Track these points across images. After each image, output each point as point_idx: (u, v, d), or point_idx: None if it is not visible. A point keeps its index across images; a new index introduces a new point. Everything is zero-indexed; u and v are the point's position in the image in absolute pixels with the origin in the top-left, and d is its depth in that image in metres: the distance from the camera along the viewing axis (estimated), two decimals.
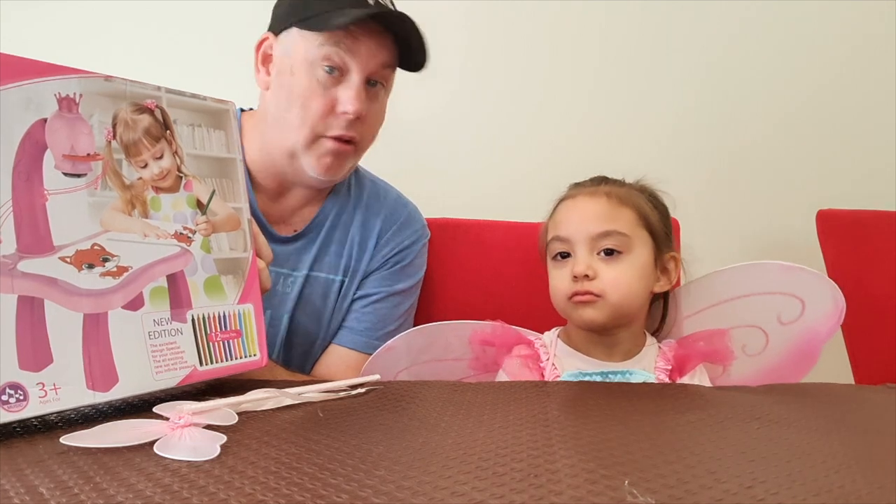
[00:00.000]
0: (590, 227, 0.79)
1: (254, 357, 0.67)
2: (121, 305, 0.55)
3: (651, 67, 1.41)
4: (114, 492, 0.37)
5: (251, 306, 0.67)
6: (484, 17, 1.40)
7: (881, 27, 1.39)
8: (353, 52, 0.85)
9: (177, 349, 0.59)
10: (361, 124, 0.88)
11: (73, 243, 0.52)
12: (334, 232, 0.98)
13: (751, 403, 0.61)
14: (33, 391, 0.48)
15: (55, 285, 0.50)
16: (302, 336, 0.97)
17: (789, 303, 0.81)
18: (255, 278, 0.68)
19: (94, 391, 0.52)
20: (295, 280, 0.96)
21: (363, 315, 0.98)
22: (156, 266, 0.59)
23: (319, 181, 0.92)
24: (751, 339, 0.85)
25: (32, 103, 0.50)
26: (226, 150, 0.68)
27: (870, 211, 1.20)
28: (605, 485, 0.38)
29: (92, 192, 0.54)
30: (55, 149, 0.51)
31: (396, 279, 1.01)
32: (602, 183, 0.85)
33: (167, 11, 1.39)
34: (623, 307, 0.79)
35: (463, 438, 0.48)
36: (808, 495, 0.38)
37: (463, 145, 1.42)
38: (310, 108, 0.86)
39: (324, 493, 0.37)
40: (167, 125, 0.62)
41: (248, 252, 0.68)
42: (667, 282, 0.83)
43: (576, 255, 0.80)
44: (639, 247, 0.80)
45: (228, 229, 0.67)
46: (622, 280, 0.78)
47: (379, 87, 0.89)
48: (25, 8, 1.32)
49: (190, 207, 0.63)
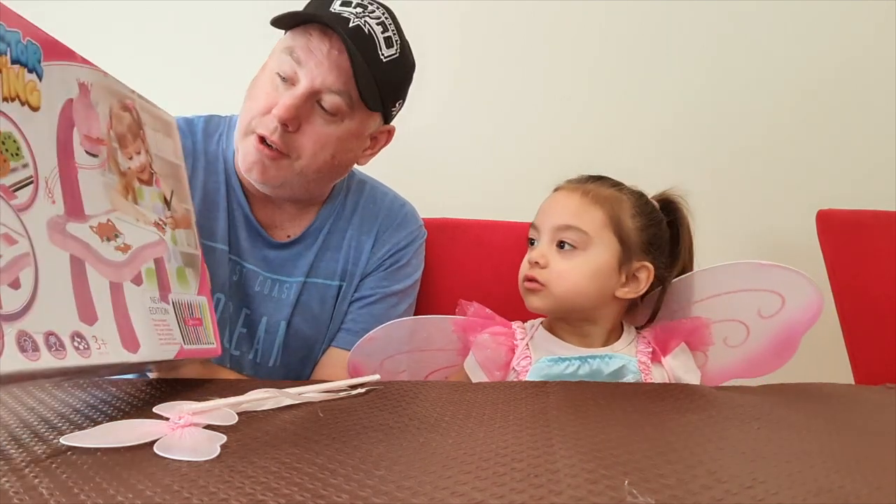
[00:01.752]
0: (554, 219, 0.82)
1: (210, 345, 0.71)
2: (130, 279, 0.58)
3: (650, 67, 1.41)
4: (114, 492, 0.37)
5: (205, 299, 0.73)
6: (483, 16, 1.40)
7: (881, 27, 1.39)
8: (303, 61, 0.83)
9: (168, 326, 0.62)
10: (295, 138, 0.84)
11: (96, 216, 0.55)
12: (331, 238, 0.98)
13: (751, 403, 0.61)
14: (91, 342, 0.50)
15: (89, 250, 0.53)
16: (301, 341, 0.97)
17: (769, 298, 0.84)
18: (205, 275, 0.74)
19: (128, 351, 0.54)
20: (290, 286, 0.95)
21: (360, 316, 0.98)
22: (147, 249, 0.62)
23: (260, 186, 0.89)
24: (732, 332, 0.88)
25: (64, 83, 0.53)
26: (174, 156, 0.74)
27: (870, 211, 1.20)
28: (606, 485, 0.38)
29: (103, 173, 0.58)
30: (79, 127, 0.55)
31: (393, 280, 1.00)
32: (589, 181, 0.86)
33: (167, 12, 1.39)
34: (567, 301, 0.81)
35: (463, 438, 0.48)
36: (808, 495, 0.38)
37: (462, 145, 1.42)
38: (253, 104, 0.86)
39: (324, 493, 0.37)
40: (140, 125, 0.66)
41: (198, 251, 0.74)
42: (633, 290, 0.83)
43: (538, 243, 0.83)
44: (598, 247, 0.81)
45: (185, 227, 0.72)
46: (569, 275, 0.80)
47: (331, 116, 0.84)
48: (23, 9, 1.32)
49: (160, 202, 0.68)
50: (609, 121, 1.42)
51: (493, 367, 0.85)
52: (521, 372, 0.83)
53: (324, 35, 0.83)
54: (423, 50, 0.93)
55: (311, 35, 0.83)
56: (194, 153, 0.93)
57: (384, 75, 0.85)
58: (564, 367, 0.81)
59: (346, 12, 0.83)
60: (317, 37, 0.83)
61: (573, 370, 0.81)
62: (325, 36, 0.82)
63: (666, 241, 0.86)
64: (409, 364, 0.92)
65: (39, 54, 0.49)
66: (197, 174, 0.92)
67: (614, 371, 0.81)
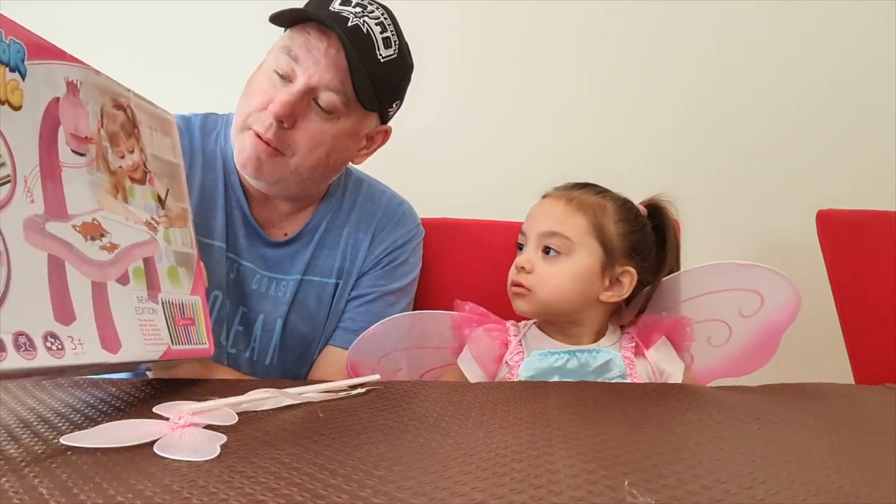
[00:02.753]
0: (540, 226, 0.85)
1: (203, 345, 0.71)
2: (115, 279, 0.58)
3: (650, 67, 1.41)
4: (114, 492, 0.37)
5: (199, 298, 0.73)
6: (483, 16, 1.40)
7: (881, 27, 1.39)
8: (301, 59, 0.83)
9: (155, 326, 0.62)
10: (290, 134, 0.84)
11: (80, 215, 0.55)
12: (328, 236, 0.98)
13: (751, 404, 0.61)
14: (66, 342, 0.50)
15: (71, 250, 0.53)
16: (298, 339, 0.97)
17: (749, 297, 0.86)
18: (201, 274, 0.74)
19: (107, 352, 0.54)
20: (287, 284, 0.95)
21: (357, 315, 0.98)
22: (136, 248, 0.62)
23: (255, 183, 0.90)
24: (715, 332, 0.90)
25: (49, 82, 0.54)
26: (172, 155, 0.74)
27: (870, 211, 1.19)
28: (606, 485, 0.38)
29: (91, 171, 0.58)
30: (66, 126, 0.55)
31: (390, 278, 1.00)
32: (574, 188, 0.89)
33: (166, 13, 1.39)
34: (551, 304, 0.84)
35: (463, 438, 0.48)
36: (808, 495, 0.38)
37: (461, 145, 1.42)
38: (250, 101, 0.86)
39: (324, 493, 0.37)
40: (135, 124, 0.67)
41: (193, 250, 0.74)
42: (617, 293, 0.85)
43: (526, 249, 0.86)
44: (581, 253, 0.83)
45: (180, 226, 0.72)
46: (553, 279, 0.83)
47: (327, 114, 0.84)
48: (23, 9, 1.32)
49: (153, 201, 0.68)
50: (609, 121, 1.41)
51: (486, 360, 0.88)
52: (513, 366, 0.86)
53: (322, 34, 0.83)
54: (424, 50, 0.93)
55: (309, 33, 0.83)
56: (192, 151, 0.93)
57: (381, 75, 0.85)
58: (554, 360, 0.84)
59: (345, 11, 0.83)
60: (315, 35, 0.83)
61: (562, 363, 0.83)
62: (323, 34, 0.83)
63: (651, 245, 0.88)
64: (407, 361, 0.93)
65: (23, 53, 0.50)
66: (194, 172, 0.92)
67: (601, 364, 0.83)
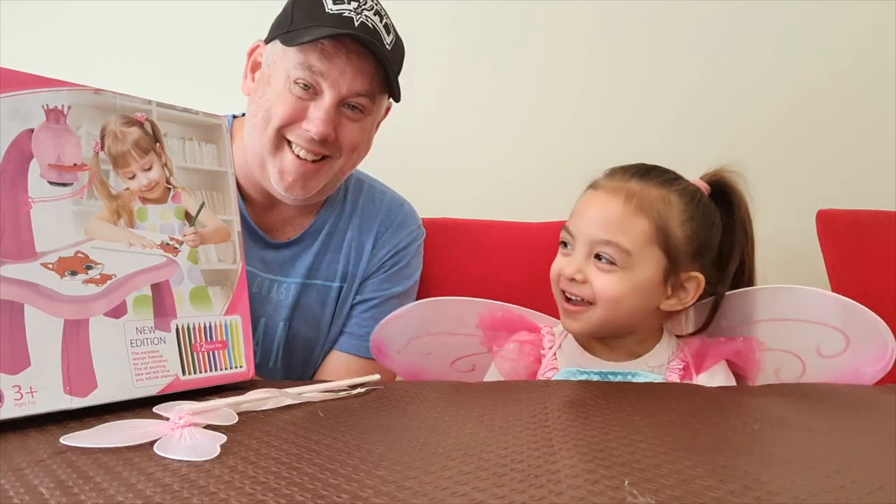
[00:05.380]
0: (592, 231, 0.74)
1: (240, 369, 0.68)
2: (103, 312, 0.56)
3: (647, 66, 1.41)
4: (114, 492, 0.37)
5: (239, 318, 0.68)
6: (482, 16, 1.40)
7: (881, 27, 1.39)
8: (325, 73, 0.83)
9: (159, 358, 0.60)
10: (332, 144, 0.86)
11: (57, 250, 0.53)
12: (330, 240, 0.98)
13: (752, 404, 0.61)
14: (8, 393, 0.49)
15: (36, 290, 0.51)
16: (301, 343, 0.97)
17: (831, 336, 0.74)
18: (243, 290, 0.69)
19: (72, 396, 0.53)
20: (288, 287, 0.95)
21: (363, 320, 0.98)
22: (140, 275, 0.60)
23: (291, 199, 0.90)
24: (785, 364, 0.79)
25: (19, 114, 0.52)
26: (217, 163, 0.70)
27: (870, 211, 1.19)
28: (606, 485, 0.38)
29: (77, 202, 0.56)
30: (41, 158, 0.53)
31: (394, 282, 1.01)
32: (634, 178, 0.77)
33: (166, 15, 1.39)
34: (611, 319, 0.75)
35: (463, 438, 0.48)
36: (808, 495, 0.38)
37: (461, 145, 1.41)
38: (276, 111, 0.85)
39: (324, 493, 0.37)
40: (157, 138, 0.64)
41: (237, 264, 0.70)
42: (678, 302, 0.76)
43: (574, 254, 0.76)
44: (641, 265, 0.73)
45: (217, 241, 0.68)
46: (607, 292, 0.73)
47: (359, 112, 0.87)
48: (23, 11, 1.32)
49: (178, 219, 0.65)
50: (607, 120, 1.41)
51: (516, 378, 0.81)
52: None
53: (336, 41, 0.82)
54: (422, 50, 0.93)
55: (322, 44, 0.82)
56: None
57: (393, 60, 0.88)
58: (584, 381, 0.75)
59: (345, 11, 0.82)
60: (329, 44, 0.82)
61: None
62: (338, 42, 0.82)
63: (718, 240, 0.78)
64: (436, 347, 0.87)
65: None
66: None
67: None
